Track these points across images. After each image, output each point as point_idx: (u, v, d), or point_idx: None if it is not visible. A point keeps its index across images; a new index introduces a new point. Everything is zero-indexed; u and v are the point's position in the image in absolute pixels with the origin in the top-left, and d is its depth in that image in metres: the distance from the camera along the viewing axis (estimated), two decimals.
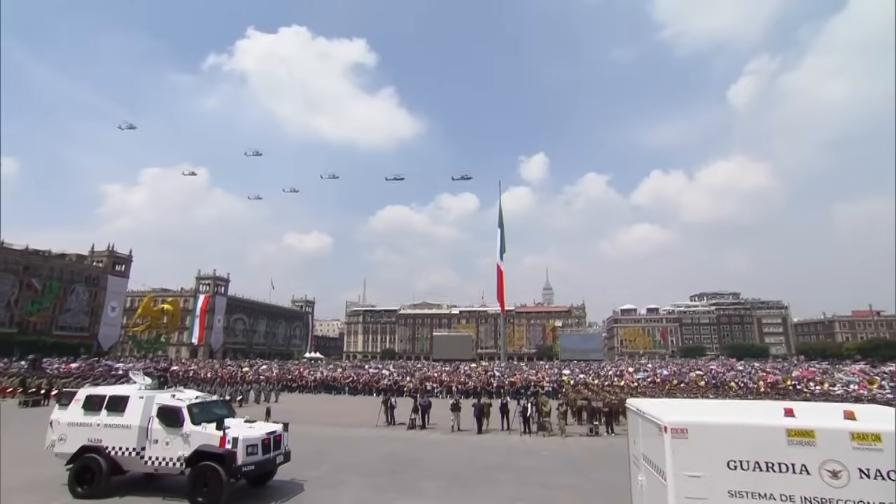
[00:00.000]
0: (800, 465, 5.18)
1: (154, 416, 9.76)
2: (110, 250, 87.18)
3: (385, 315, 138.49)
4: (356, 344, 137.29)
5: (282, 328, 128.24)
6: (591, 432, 18.47)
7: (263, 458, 9.56)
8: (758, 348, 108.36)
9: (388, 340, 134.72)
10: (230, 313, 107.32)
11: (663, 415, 5.92)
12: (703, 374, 40.06)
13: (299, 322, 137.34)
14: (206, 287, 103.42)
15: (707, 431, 5.59)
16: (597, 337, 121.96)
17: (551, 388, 31.96)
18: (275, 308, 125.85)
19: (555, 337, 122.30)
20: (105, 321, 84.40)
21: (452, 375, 39.90)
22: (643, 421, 6.55)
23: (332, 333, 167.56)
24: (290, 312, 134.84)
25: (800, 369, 47.34)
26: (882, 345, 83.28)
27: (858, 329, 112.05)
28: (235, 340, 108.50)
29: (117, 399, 10.21)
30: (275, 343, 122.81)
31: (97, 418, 10.05)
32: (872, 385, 29.07)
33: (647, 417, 6.39)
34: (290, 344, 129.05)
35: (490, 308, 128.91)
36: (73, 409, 10.39)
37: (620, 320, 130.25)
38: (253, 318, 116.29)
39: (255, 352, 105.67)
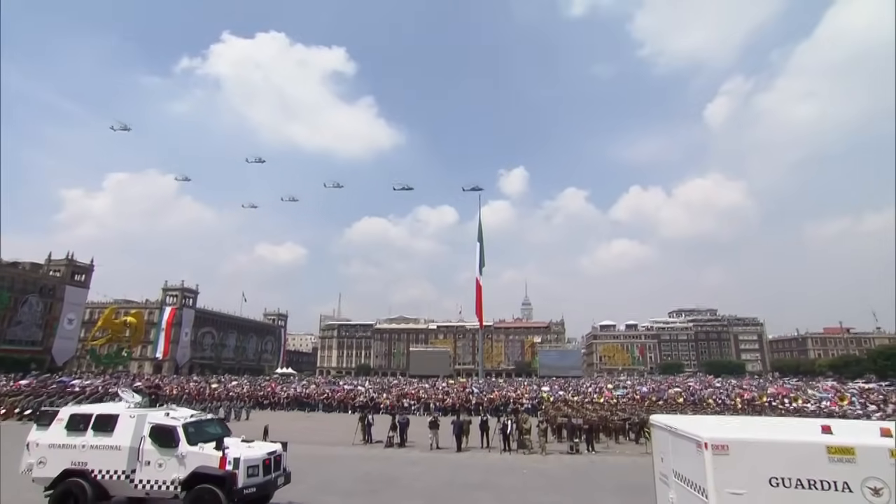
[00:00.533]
0: (841, 482, 5.23)
1: (146, 437, 9.37)
2: (69, 259, 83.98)
3: (360, 329, 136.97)
4: (330, 359, 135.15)
5: (253, 342, 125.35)
6: (572, 450, 18.66)
7: (264, 479, 9.23)
8: (734, 365, 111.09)
9: (364, 356, 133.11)
10: (198, 326, 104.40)
11: (702, 431, 5.96)
12: (682, 392, 40.94)
13: (271, 336, 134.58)
14: (174, 299, 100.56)
15: (748, 448, 5.65)
16: (576, 353, 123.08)
17: (531, 405, 32.12)
18: (246, 321, 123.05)
19: (533, 353, 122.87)
20: (60, 334, 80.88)
21: (430, 392, 39.68)
22: (675, 437, 6.60)
23: (306, 348, 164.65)
24: (262, 326, 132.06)
25: (774, 386, 48.86)
26: (852, 361, 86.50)
27: (830, 346, 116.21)
28: (203, 355, 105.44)
29: (105, 418, 9.74)
30: (245, 358, 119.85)
31: (82, 439, 9.56)
32: (843, 401, 30.19)
33: (680, 434, 6.43)
34: (260, 359, 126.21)
35: (468, 323, 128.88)
36: (55, 430, 9.84)
37: (599, 336, 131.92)
38: (222, 331, 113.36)
39: (224, 367, 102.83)
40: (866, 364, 79.08)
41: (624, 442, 21.71)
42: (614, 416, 23.40)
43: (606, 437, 21.97)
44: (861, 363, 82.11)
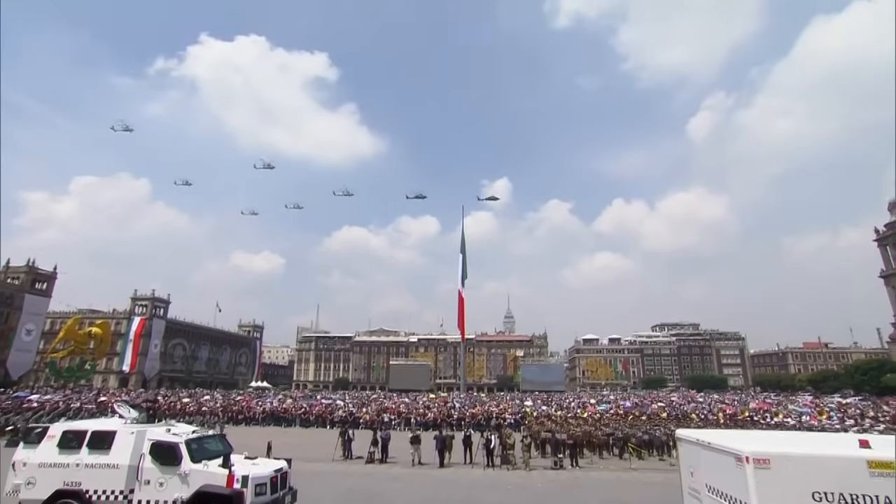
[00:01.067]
0: (883, 496, 5.32)
1: (146, 454, 9.09)
2: (29, 265, 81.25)
3: (339, 342, 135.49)
4: (307, 372, 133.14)
5: (226, 355, 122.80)
6: (556, 465, 18.80)
7: (272, 498, 9.07)
8: (717, 379, 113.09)
9: (342, 369, 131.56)
10: (169, 338, 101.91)
11: (742, 445, 6.07)
12: (665, 406, 41.55)
13: (246, 348, 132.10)
14: (143, 309, 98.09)
15: (790, 462, 5.72)
16: (558, 367, 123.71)
17: (513, 419, 32.25)
18: (219, 333, 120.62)
19: (516, 367, 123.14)
20: (17, 346, 77.56)
21: (411, 406, 39.48)
22: (708, 451, 6.72)
23: (282, 361, 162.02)
24: (237, 338, 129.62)
25: (756, 401, 49.97)
26: (830, 376, 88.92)
27: (809, 360, 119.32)
28: (173, 368, 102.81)
29: (102, 435, 9.44)
30: (218, 371, 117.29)
31: (76, 457, 9.23)
32: (822, 416, 31.15)
33: (715, 448, 6.53)
34: (234, 372, 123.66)
35: (450, 336, 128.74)
36: (46, 448, 9.47)
37: (582, 350, 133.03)
38: (194, 343, 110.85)
39: (196, 381, 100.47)
40: (844, 379, 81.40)
41: (608, 457, 21.94)
42: (598, 431, 23.65)
43: (590, 452, 22.17)
44: (839, 378, 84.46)
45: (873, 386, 69.10)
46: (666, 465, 20.39)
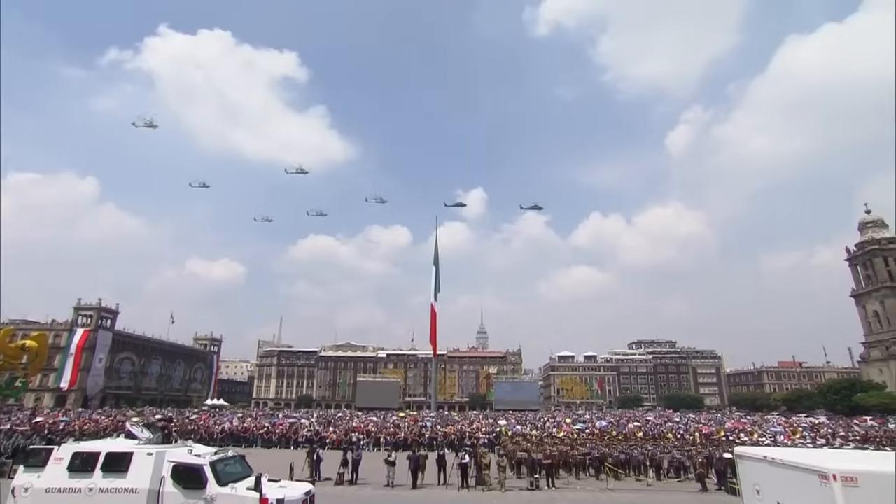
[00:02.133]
0: None
1: (167, 477, 8.82)
2: None
3: (303, 357, 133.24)
4: (268, 389, 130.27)
5: (180, 370, 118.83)
6: (532, 486, 19.09)
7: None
8: (693, 399, 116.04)
9: (306, 386, 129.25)
10: (116, 351, 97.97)
11: (825, 462, 6.29)
12: (641, 426, 42.52)
13: (201, 363, 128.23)
14: (88, 319, 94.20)
15: (878, 480, 5.91)
16: (533, 386, 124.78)
17: (487, 439, 32.47)
18: (173, 346, 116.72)
19: (489, 384, 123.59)
20: None
21: (380, 425, 39.25)
22: (781, 469, 7.02)
23: (241, 377, 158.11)
24: (192, 352, 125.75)
25: (732, 421, 51.64)
26: (804, 396, 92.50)
27: (784, 380, 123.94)
28: (120, 384, 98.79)
29: (117, 457, 9.12)
30: (170, 388, 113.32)
31: (89, 481, 8.88)
32: (795, 435, 32.58)
33: (792, 465, 6.80)
34: (188, 389, 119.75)
35: (420, 351, 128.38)
36: (53, 472, 9.08)
37: (558, 368, 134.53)
38: (144, 357, 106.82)
39: (145, 398, 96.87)
40: (817, 399, 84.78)
41: (584, 478, 22.36)
42: (574, 450, 24.09)
43: (566, 472, 22.56)
44: (812, 398, 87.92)
45: (845, 405, 72.21)
46: (643, 485, 20.96)
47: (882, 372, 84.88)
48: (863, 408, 67.79)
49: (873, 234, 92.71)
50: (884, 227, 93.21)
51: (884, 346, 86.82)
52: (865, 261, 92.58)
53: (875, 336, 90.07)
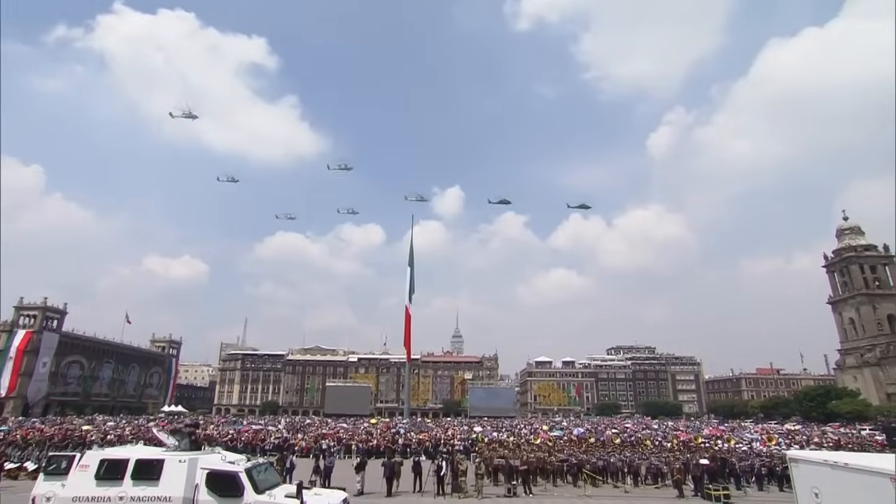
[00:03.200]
0: None
1: (202, 485, 8.87)
2: None
3: (269, 360, 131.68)
4: (231, 395, 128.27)
5: (134, 374, 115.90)
6: (510, 493, 19.51)
7: None
8: (672, 406, 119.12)
9: (272, 391, 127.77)
10: (63, 355, 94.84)
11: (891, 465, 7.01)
12: (619, 433, 43.64)
13: (158, 367, 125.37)
14: (30, 320, 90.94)
15: None
16: (509, 392, 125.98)
17: (463, 446, 32.85)
18: (127, 349, 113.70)
19: (464, 390, 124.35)
20: None
21: (352, 432, 39.29)
22: (846, 472, 7.72)
23: (201, 381, 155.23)
24: (148, 355, 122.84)
25: (709, 428, 53.46)
26: (781, 403, 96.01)
27: (762, 387, 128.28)
28: (66, 391, 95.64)
29: (148, 464, 9.13)
30: (123, 393, 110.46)
31: (119, 490, 8.88)
32: (771, 442, 34.12)
33: (860, 468, 7.51)
34: (143, 394, 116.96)
35: (393, 356, 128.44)
36: (80, 480, 9.04)
37: (535, 374, 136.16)
38: (95, 361, 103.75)
39: (95, 405, 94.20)
40: (794, 406, 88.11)
41: (562, 484, 22.92)
42: (552, 457, 24.66)
43: (544, 479, 23.09)
44: (789, 404, 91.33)
45: (820, 412, 75.26)
46: (620, 491, 21.62)
47: (856, 379, 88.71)
48: (837, 415, 70.78)
49: (850, 242, 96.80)
50: (860, 234, 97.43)
51: (858, 354, 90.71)
52: (842, 268, 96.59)
53: (850, 343, 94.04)
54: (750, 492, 21.89)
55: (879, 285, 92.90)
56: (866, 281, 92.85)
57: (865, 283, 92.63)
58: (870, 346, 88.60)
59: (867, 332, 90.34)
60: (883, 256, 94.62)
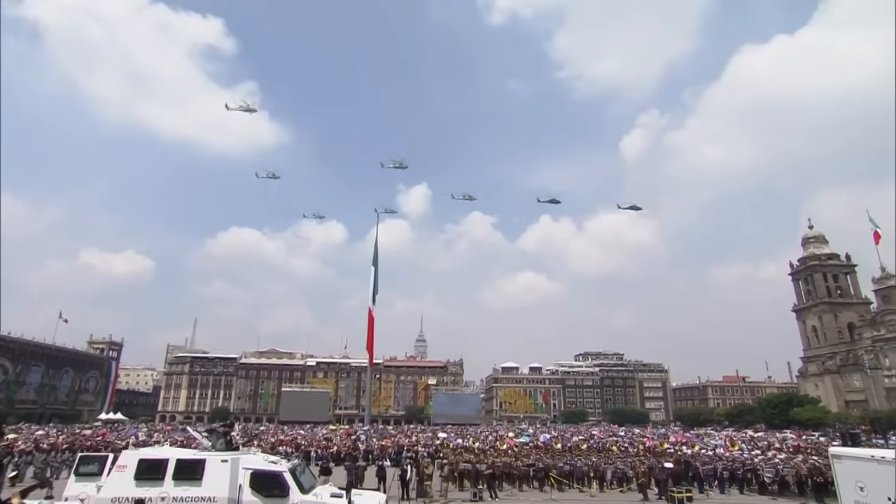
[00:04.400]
0: None
1: (245, 485, 8.99)
2: None
3: (220, 363, 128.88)
4: (177, 401, 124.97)
5: (68, 379, 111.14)
6: (475, 497, 20.06)
7: None
8: (638, 414, 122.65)
9: (222, 396, 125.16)
10: None
11: None
12: (586, 439, 45.02)
13: (96, 371, 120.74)
14: None
15: None
16: (474, 398, 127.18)
17: (427, 452, 33.29)
18: (60, 351, 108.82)
19: (427, 396, 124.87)
20: None
21: (310, 439, 39.21)
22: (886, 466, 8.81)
23: (144, 387, 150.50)
24: (84, 357, 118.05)
25: (675, 435, 55.66)
26: (745, 410, 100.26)
27: (728, 394, 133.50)
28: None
29: (190, 464, 9.21)
30: (54, 400, 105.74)
31: (160, 490, 8.90)
32: (734, 447, 35.95)
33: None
34: (77, 401, 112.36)
35: (354, 360, 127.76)
36: (118, 481, 9.03)
37: (501, 380, 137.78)
38: (21, 364, 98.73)
39: (19, 413, 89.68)
40: (758, 413, 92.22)
41: (528, 489, 23.66)
42: (518, 461, 25.41)
43: (510, 484, 23.80)
44: (753, 412, 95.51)
45: (782, 419, 79.09)
46: (586, 495, 22.49)
47: (817, 387, 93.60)
48: (798, 422, 74.54)
49: (814, 250, 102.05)
50: (824, 242, 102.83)
51: (820, 362, 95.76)
52: (806, 276, 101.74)
53: (813, 351, 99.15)
54: (712, 495, 23.09)
55: (841, 294, 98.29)
56: (829, 289, 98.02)
57: (828, 292, 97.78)
58: (830, 355, 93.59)
59: (828, 341, 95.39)
60: (845, 265, 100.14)
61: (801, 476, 22.55)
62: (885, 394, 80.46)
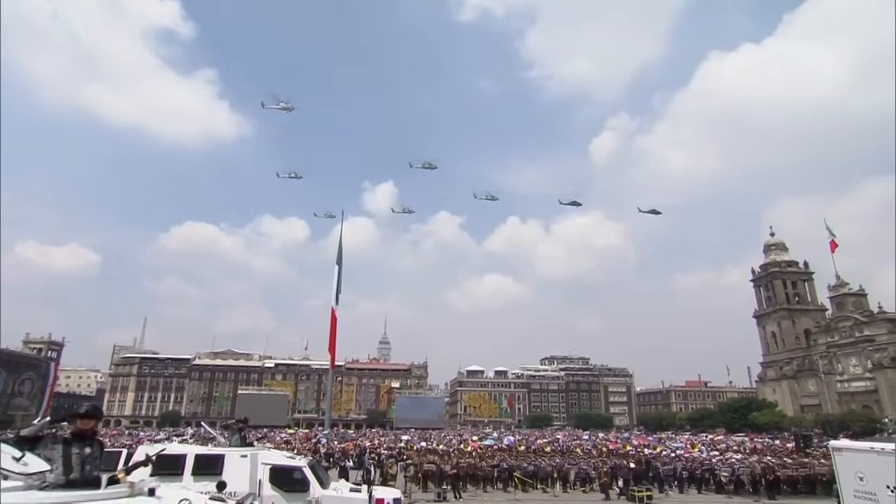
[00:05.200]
0: None
1: (265, 480, 9.05)
2: None
3: (171, 365, 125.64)
4: (123, 405, 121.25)
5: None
6: (439, 497, 20.50)
7: None
8: (603, 418, 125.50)
9: (173, 400, 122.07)
10: None
11: None
12: (550, 442, 46.25)
13: (32, 373, 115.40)
14: None
15: None
16: (438, 402, 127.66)
17: (391, 454, 33.59)
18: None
19: (390, 400, 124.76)
20: None
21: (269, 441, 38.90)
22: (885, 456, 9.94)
23: (87, 389, 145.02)
24: (19, 358, 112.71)
25: (638, 438, 57.69)
26: (707, 415, 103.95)
27: (690, 399, 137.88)
28: None
29: (207, 459, 9.29)
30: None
31: (179, 485, 8.38)
32: (694, 448, 37.63)
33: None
34: (10, 405, 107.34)
35: (315, 361, 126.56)
36: (136, 476, 8.75)
37: (466, 383, 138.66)
38: None
39: None
40: (718, 417, 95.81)
41: (492, 490, 24.27)
42: (483, 462, 26.02)
43: (473, 485, 24.36)
44: (714, 416, 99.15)
45: (741, 423, 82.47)
46: (549, 496, 23.22)
47: (775, 391, 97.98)
48: (757, 426, 77.89)
49: (775, 257, 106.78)
50: (784, 250, 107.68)
51: (778, 367, 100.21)
52: (767, 282, 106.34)
53: (772, 356, 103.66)
54: (672, 494, 24.18)
55: (799, 301, 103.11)
56: (788, 296, 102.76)
57: (787, 299, 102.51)
58: (788, 360, 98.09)
59: (786, 346, 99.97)
60: (803, 273, 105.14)
61: (756, 475, 23.90)
62: (837, 398, 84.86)
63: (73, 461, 4.33)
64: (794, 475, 24.65)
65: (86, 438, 4.63)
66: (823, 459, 26.22)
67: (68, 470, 4.27)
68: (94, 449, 4.67)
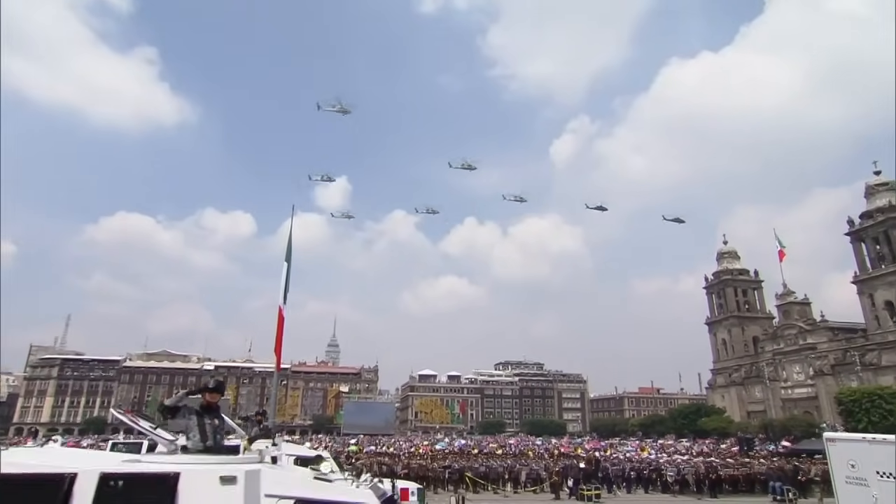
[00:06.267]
0: None
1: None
2: None
3: (98, 367, 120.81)
4: (40, 411, 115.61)
5: None
6: None
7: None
8: (556, 425, 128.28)
9: (99, 405, 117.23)
10: None
11: None
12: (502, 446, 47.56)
13: None
14: None
15: None
16: (388, 407, 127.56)
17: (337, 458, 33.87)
18: None
19: (338, 405, 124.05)
20: None
21: None
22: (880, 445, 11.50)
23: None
24: None
25: (590, 443, 59.88)
26: (658, 421, 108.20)
27: (643, 405, 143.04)
28: None
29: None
30: None
31: None
32: (643, 451, 39.59)
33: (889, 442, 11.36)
34: None
35: (258, 364, 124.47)
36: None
37: (417, 388, 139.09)
38: None
39: None
40: (669, 423, 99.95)
41: (442, 492, 24.98)
42: (434, 463, 26.73)
43: (425, 487, 25.01)
44: (665, 422, 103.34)
45: (691, 429, 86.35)
46: (500, 496, 24.14)
47: (724, 398, 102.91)
48: (705, 431, 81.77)
49: (727, 265, 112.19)
50: (737, 258, 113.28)
51: (727, 374, 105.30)
52: (719, 290, 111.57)
53: (721, 363, 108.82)
54: (620, 493, 25.55)
55: (749, 308, 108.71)
56: (738, 304, 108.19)
57: (737, 306, 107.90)
58: (736, 367, 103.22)
59: (735, 353, 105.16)
60: (753, 281, 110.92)
61: (700, 475, 25.58)
62: (781, 404, 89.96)
63: (206, 430, 4.94)
64: (736, 474, 26.53)
65: (212, 410, 5.24)
66: (763, 460, 28.32)
67: (204, 438, 4.87)
68: (220, 421, 5.36)
